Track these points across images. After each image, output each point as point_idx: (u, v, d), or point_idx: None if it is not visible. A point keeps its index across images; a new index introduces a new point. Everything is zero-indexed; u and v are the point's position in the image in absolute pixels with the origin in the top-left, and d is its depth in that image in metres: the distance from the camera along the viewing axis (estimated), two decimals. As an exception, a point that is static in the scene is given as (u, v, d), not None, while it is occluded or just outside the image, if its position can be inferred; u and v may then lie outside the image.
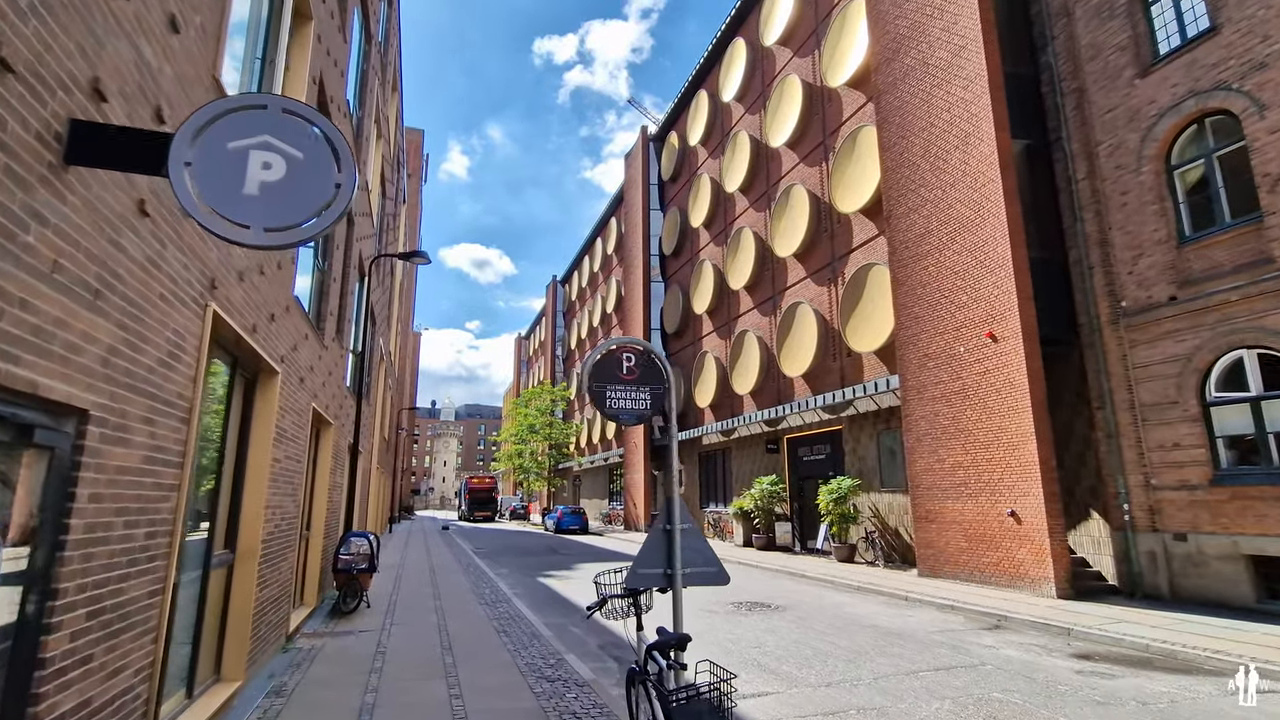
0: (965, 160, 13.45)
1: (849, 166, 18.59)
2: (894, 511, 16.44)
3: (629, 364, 4.05)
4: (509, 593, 12.27)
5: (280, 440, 6.62)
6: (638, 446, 32.53)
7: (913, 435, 14.31)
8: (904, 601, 11.52)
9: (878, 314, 17.05)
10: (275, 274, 5.97)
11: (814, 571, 14.96)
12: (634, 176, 36.31)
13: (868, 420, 17.61)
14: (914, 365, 14.44)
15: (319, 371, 8.88)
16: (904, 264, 14.96)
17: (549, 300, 60.06)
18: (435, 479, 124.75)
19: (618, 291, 40.30)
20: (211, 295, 4.24)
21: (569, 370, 53.66)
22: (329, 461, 10.37)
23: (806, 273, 20.96)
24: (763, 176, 24.26)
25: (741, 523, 22.04)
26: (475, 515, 49.36)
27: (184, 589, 4.68)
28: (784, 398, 21.65)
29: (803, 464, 20.70)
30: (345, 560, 9.99)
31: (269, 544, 6.42)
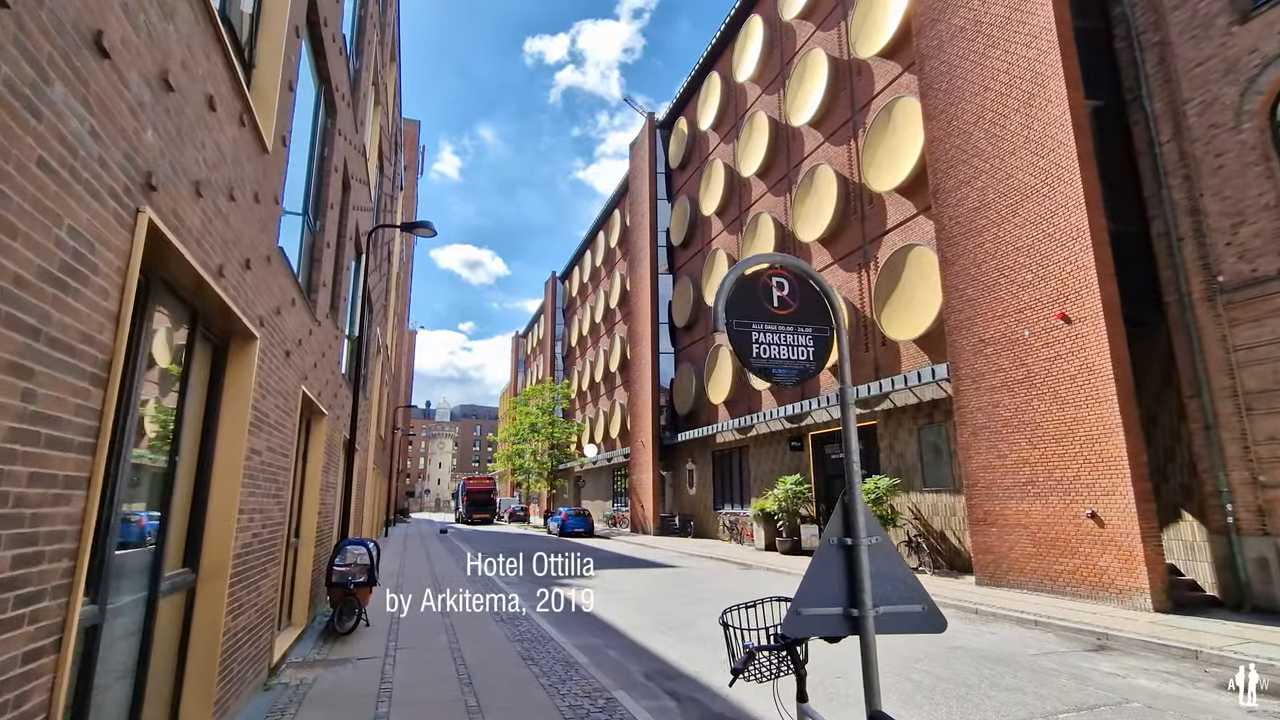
0: (1028, 124, 12.15)
1: (883, 142, 17.29)
2: (939, 513, 15.13)
3: (781, 293, 2.72)
4: (525, 606, 10.87)
5: (260, 427, 5.23)
6: (645, 445, 31.16)
7: (967, 429, 13.00)
8: (974, 615, 10.19)
9: (918, 299, 15.75)
10: (250, 206, 4.58)
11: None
12: (640, 165, 34.97)
13: (906, 414, 16.30)
14: (968, 352, 13.13)
15: (309, 350, 7.48)
16: (954, 242, 13.65)
17: (548, 297, 58.64)
18: (430, 481, 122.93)
19: (622, 286, 38.94)
20: (146, 197, 2.85)
21: (569, 368, 52.27)
22: (321, 458, 8.97)
23: (833, 258, 19.64)
24: (782, 159, 22.94)
25: (763, 525, 20.70)
26: (473, 517, 47.81)
27: (116, 625, 3.30)
28: (808, 392, 20.33)
29: (830, 462, 19.38)
30: (341, 572, 8.58)
31: (245, 558, 5.03)
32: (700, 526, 27.29)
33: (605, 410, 41.08)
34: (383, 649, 7.71)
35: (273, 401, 5.66)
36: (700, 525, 27.31)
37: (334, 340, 9.62)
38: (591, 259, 46.72)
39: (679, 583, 14.14)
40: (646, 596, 12.20)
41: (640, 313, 33.09)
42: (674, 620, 9.81)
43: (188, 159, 3.35)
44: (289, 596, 8.22)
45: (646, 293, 32.40)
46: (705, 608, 10.84)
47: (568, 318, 54.34)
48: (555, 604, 11.51)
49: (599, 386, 43.44)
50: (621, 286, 38.99)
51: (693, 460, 28.50)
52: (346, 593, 8.46)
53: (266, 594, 5.95)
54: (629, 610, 10.71)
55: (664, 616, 10.11)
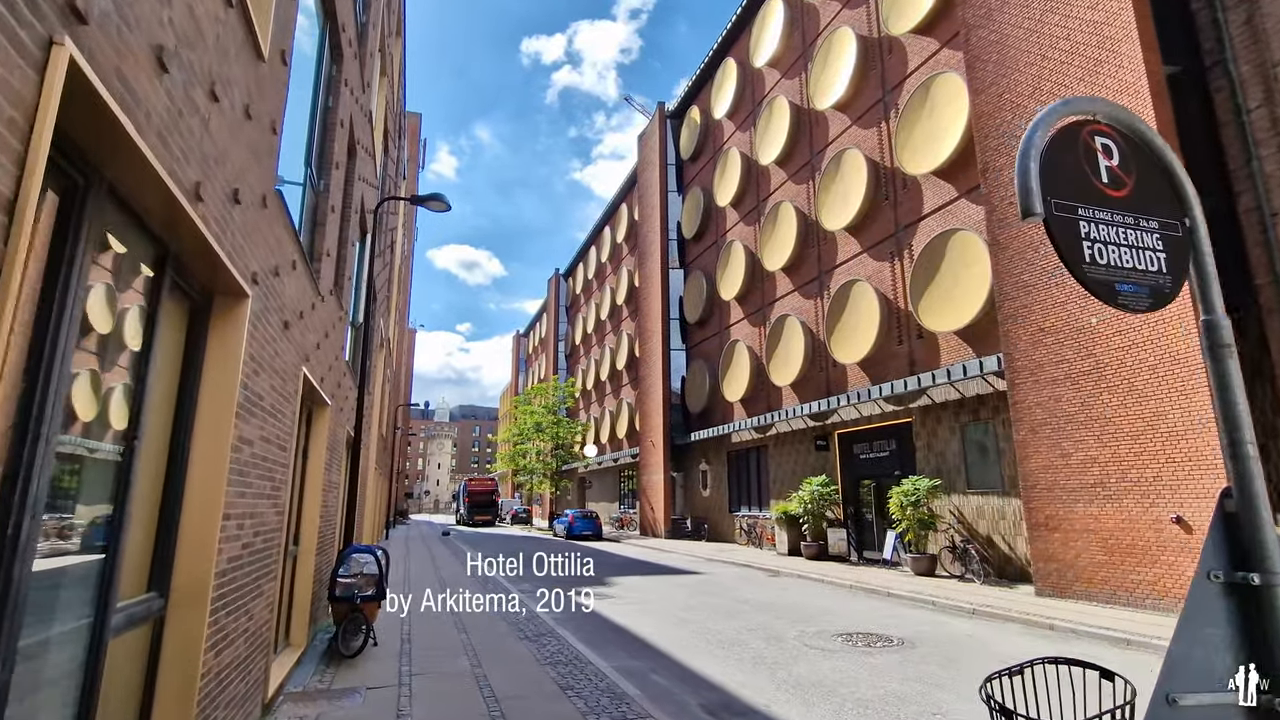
0: (1095, 93, 11.15)
1: (919, 123, 16.29)
2: (985, 516, 14.10)
3: (1110, 162, 1.72)
4: (549, 620, 9.82)
5: (252, 411, 4.18)
6: (656, 445, 30.11)
7: (1025, 426, 11.97)
8: (1050, 632, 9.16)
9: (960, 287, 14.73)
10: (239, 120, 3.53)
11: (899, 588, 12.58)
12: (649, 157, 33.95)
13: (947, 411, 15.28)
14: (1024, 342, 12.11)
15: (312, 328, 6.43)
16: (1007, 224, 12.64)
17: (551, 295, 57.57)
18: (429, 482, 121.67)
19: (630, 281, 37.91)
20: (68, 27, 1.81)
21: (573, 367, 51.20)
22: (323, 454, 7.91)
23: (862, 247, 18.63)
24: (804, 145, 21.94)
25: (786, 529, 19.66)
26: (475, 519, 46.68)
27: (36, 677, 2.25)
28: (835, 388, 19.30)
29: (859, 463, 18.35)
30: (346, 585, 7.53)
31: (233, 575, 3.98)
32: (715, 530, 26.25)
33: (611, 409, 40.02)
34: (395, 675, 6.65)
35: (268, 381, 4.62)
36: (715, 528, 26.26)
37: (338, 322, 8.58)
38: (597, 254, 45.66)
39: (708, 591, 13.09)
40: (677, 608, 11.15)
41: (650, 308, 32.05)
42: (718, 636, 8.76)
43: (143, 7, 2.30)
44: (287, 614, 7.16)
45: (657, 288, 31.36)
46: (747, 621, 9.79)
47: (571, 315, 53.25)
48: (579, 616, 10.45)
49: (604, 385, 42.38)
50: (629, 282, 37.95)
51: (706, 461, 27.46)
52: (352, 608, 7.40)
53: (260, 616, 4.89)
54: (664, 624, 9.66)
55: (705, 632, 9.06)
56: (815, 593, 12.93)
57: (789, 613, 10.59)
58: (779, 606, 11.24)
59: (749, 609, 10.98)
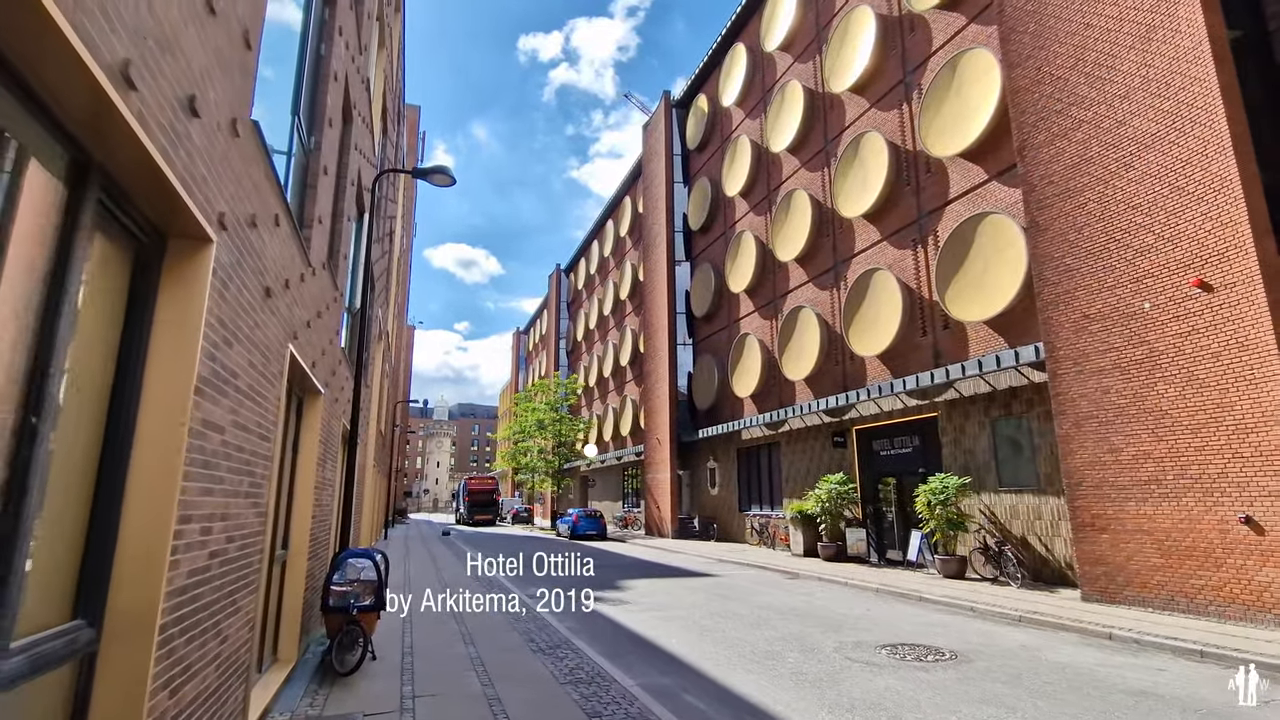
0: (1147, 62, 10.38)
1: (945, 102, 15.50)
2: (1019, 516, 13.33)
3: None
4: (562, 629, 9.03)
5: (220, 390, 3.40)
6: (662, 443, 29.32)
7: (1068, 419, 11.20)
8: (1108, 642, 8.39)
9: (991, 274, 13.96)
10: (196, 7, 2.74)
11: (930, 592, 11.81)
12: (654, 147, 33.15)
13: (976, 405, 14.50)
14: (1067, 330, 11.33)
15: (301, 302, 5.64)
16: (1047, 204, 11.86)
17: (552, 291, 56.79)
18: (428, 480, 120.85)
19: (634, 276, 37.13)
20: None
21: (574, 364, 50.43)
22: (316, 448, 7.12)
23: (882, 235, 17.85)
24: (819, 131, 21.15)
25: (802, 529, 18.89)
26: (475, 519, 45.87)
27: None
28: (852, 383, 18.53)
29: (879, 460, 17.58)
30: (341, 593, 6.74)
31: (195, 592, 3.20)
32: (724, 529, 25.47)
33: (615, 407, 39.24)
34: (396, 696, 5.86)
35: (243, 356, 3.82)
36: (724, 528, 25.48)
37: (332, 304, 7.78)
38: (599, 249, 44.86)
39: (726, 596, 12.31)
40: (697, 614, 10.37)
41: (655, 303, 31.25)
42: (750, 648, 7.98)
43: None
44: (274, 626, 6.37)
45: (663, 281, 30.56)
46: (777, 630, 9.01)
47: (573, 312, 52.46)
48: (594, 623, 9.68)
49: (607, 382, 41.59)
50: (633, 277, 37.16)
51: (715, 458, 26.68)
52: (348, 620, 6.61)
53: (237, 637, 4.10)
54: (687, 634, 8.88)
55: (734, 643, 8.28)
56: (841, 597, 12.15)
57: (820, 620, 9.82)
58: (807, 613, 10.46)
59: (775, 616, 10.21)
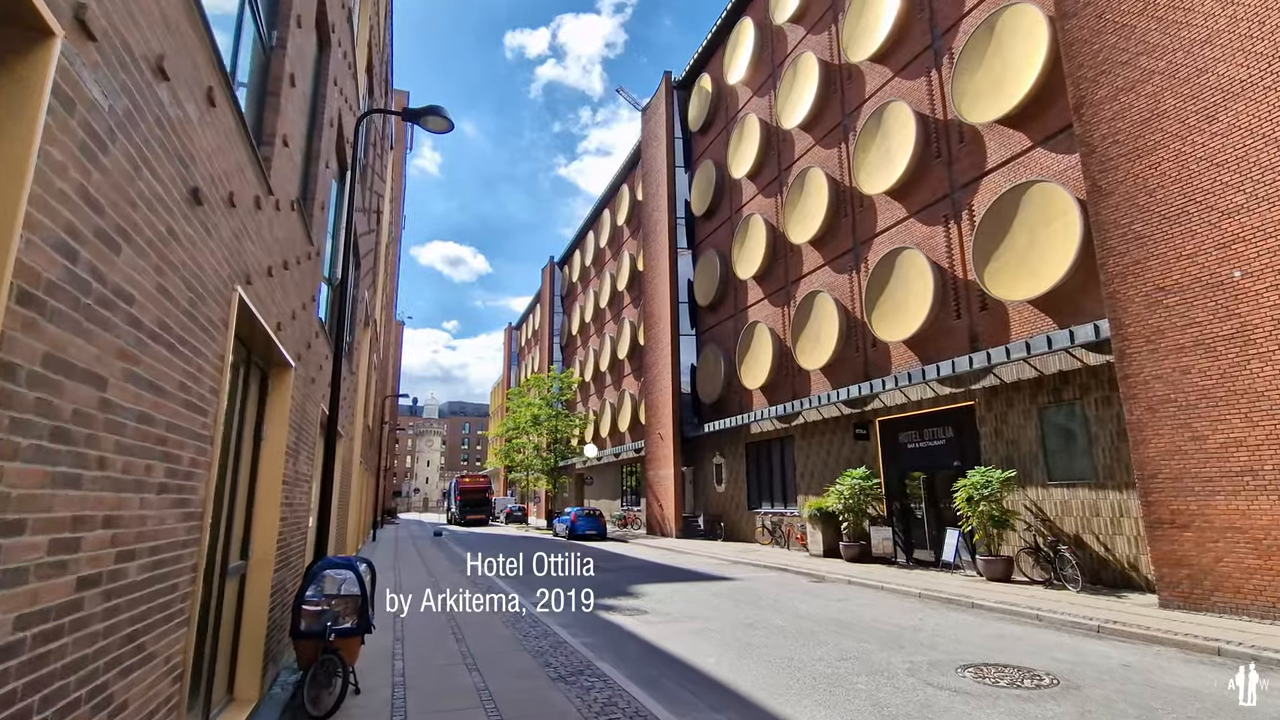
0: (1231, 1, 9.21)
1: (982, 65, 14.31)
2: (1072, 512, 12.16)
3: None
4: (580, 647, 7.72)
5: (78, 305, 2.08)
6: (665, 439, 28.05)
7: (1140, 404, 10.02)
8: (1218, 658, 7.20)
9: (1038, 249, 12.79)
10: None
11: (981, 597, 10.61)
12: (654, 131, 31.84)
13: (1020, 392, 13.33)
14: (1138, 305, 10.15)
15: (259, 237, 4.32)
16: (1111, 166, 10.68)
17: (545, 285, 55.40)
18: (418, 480, 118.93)
19: (632, 266, 35.84)
20: None
21: (569, 359, 49.10)
22: (285, 434, 5.78)
23: (909, 211, 16.65)
24: (835, 104, 19.93)
25: (821, 527, 17.68)
26: (467, 518, 44.41)
27: None
28: (875, 371, 17.33)
29: (905, 453, 16.39)
30: (314, 613, 5.40)
31: (44, 651, 1.87)
32: (732, 529, 24.24)
33: (612, 402, 37.94)
34: (385, 750, 4.54)
35: (145, 269, 2.49)
36: (732, 527, 24.25)
37: (306, 258, 6.44)
38: (595, 240, 43.52)
39: (755, 603, 11.06)
40: (731, 626, 9.11)
41: (657, 292, 29.96)
42: (808, 671, 6.72)
43: None
44: (228, 658, 5.03)
45: (665, 270, 29.27)
46: (830, 646, 7.75)
47: (567, 305, 51.10)
48: (616, 639, 8.39)
49: (604, 376, 40.28)
50: (631, 267, 35.86)
51: (721, 454, 25.43)
52: (324, 647, 5.27)
53: (146, 697, 2.77)
54: (726, 651, 7.60)
55: (786, 665, 7.02)
56: (883, 604, 10.93)
57: (872, 633, 8.57)
58: (853, 624, 9.22)
59: (819, 628, 8.96)
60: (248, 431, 5.22)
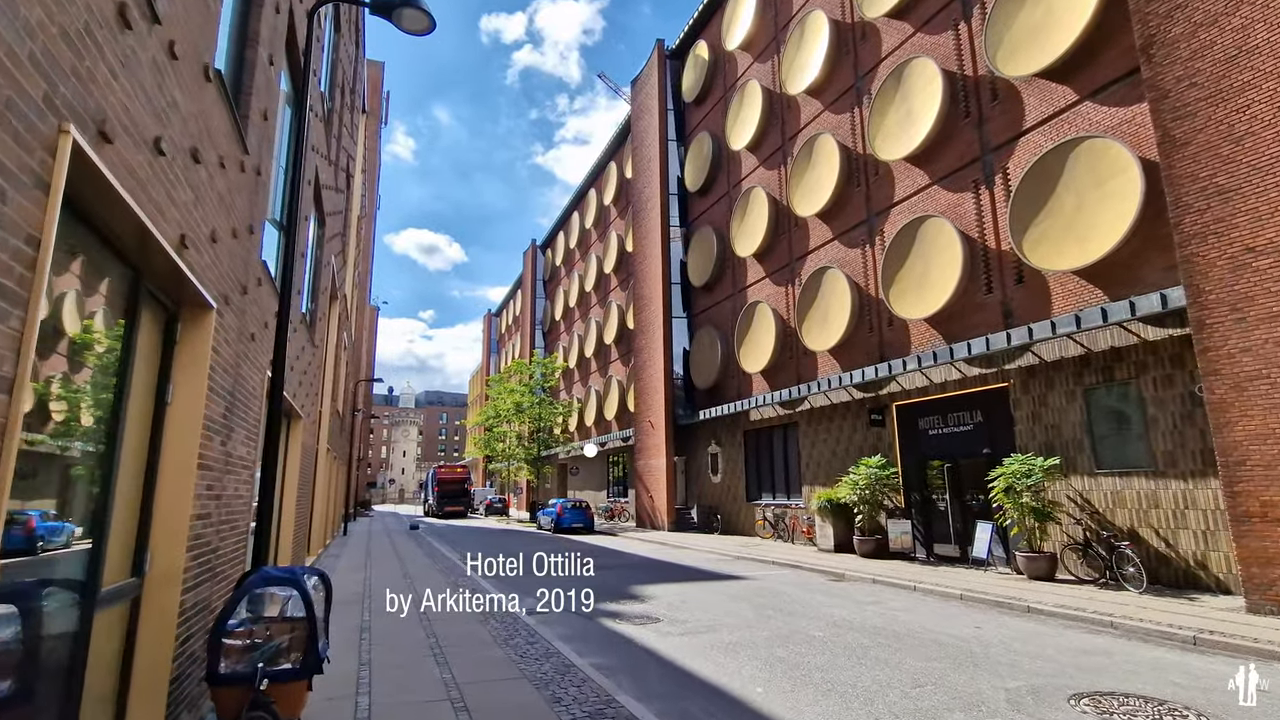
0: (1348, -88, 7.93)
1: (1021, 11, 13.00)
2: (1125, 505, 10.98)
3: None
4: (592, 671, 6.25)
5: None
6: (655, 427, 26.63)
7: (1225, 381, 8.80)
8: (1366, 678, 5.98)
9: (1088, 212, 11.54)
10: None
11: (1036, 600, 9.37)
12: (646, 103, 30.22)
13: (1063, 371, 12.11)
14: (1221, 268, 8.91)
15: (134, 82, 2.76)
16: (1189, 112, 9.41)
17: (527, 269, 53.54)
18: (394, 470, 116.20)
19: (620, 247, 34.28)
20: None
21: (551, 345, 47.43)
22: (200, 398, 4.20)
23: (931, 178, 15.34)
24: (847, 66, 18.54)
25: (832, 520, 16.40)
26: (445, 510, 42.62)
27: None
28: (892, 352, 16.06)
29: (926, 440, 15.14)
30: (240, 647, 3.84)
31: None
32: (728, 521, 22.93)
33: (598, 389, 36.42)
34: None
35: None
36: (729, 520, 22.94)
37: (238, 167, 4.83)
38: (580, 221, 41.81)
39: (780, 608, 9.70)
40: (760, 639, 7.71)
41: (648, 273, 28.44)
42: (883, 706, 5.34)
43: None
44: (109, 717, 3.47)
45: (657, 248, 27.75)
46: (892, 668, 6.39)
47: (550, 290, 49.35)
48: (631, 656, 6.95)
49: (589, 363, 38.72)
50: (619, 248, 34.28)
51: (717, 442, 24.08)
52: (253, 699, 3.72)
53: None
54: (771, 675, 6.19)
55: (851, 694, 5.63)
56: (923, 608, 9.63)
57: (931, 648, 7.24)
58: (903, 635, 7.88)
59: (868, 641, 7.60)
60: (141, 390, 3.65)
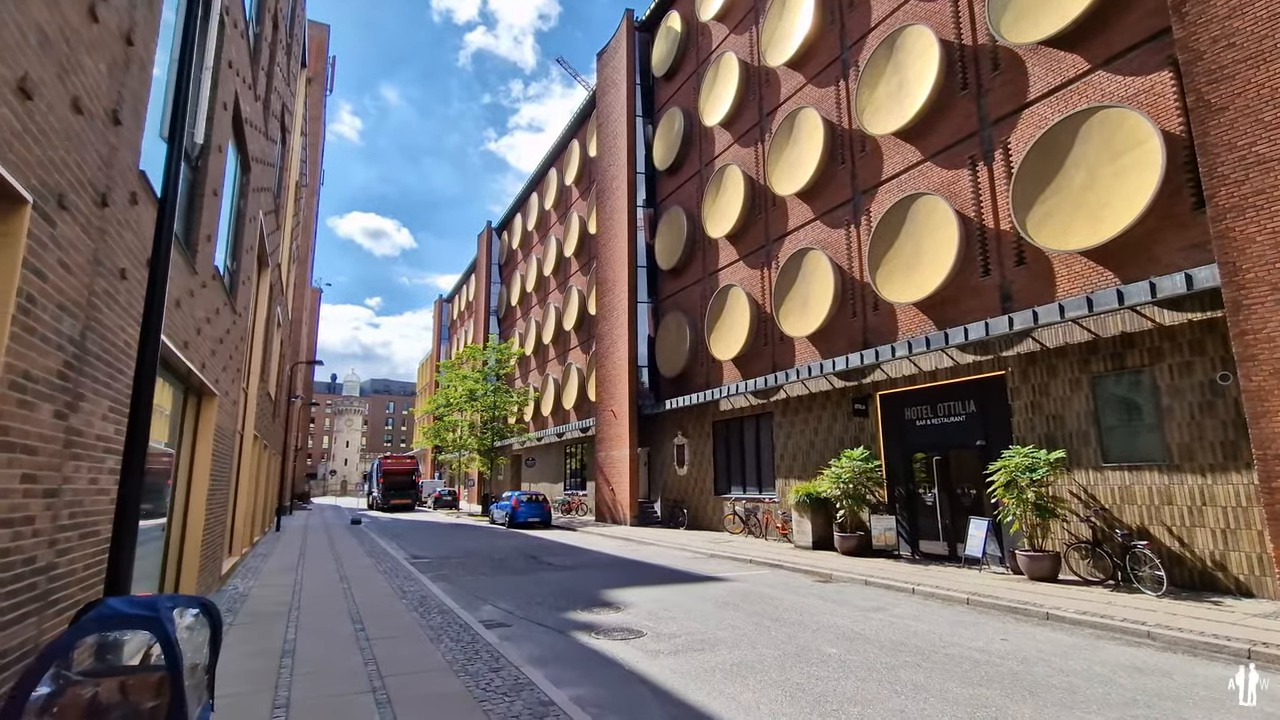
0: None
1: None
2: (1135, 500, 10.29)
3: None
4: (574, 710, 4.94)
5: None
6: (618, 417, 25.35)
7: (1264, 367, 8.07)
8: None
9: (1099, 188, 10.78)
10: None
11: (1051, 604, 8.53)
12: (611, 78, 28.75)
13: (1065, 358, 11.37)
14: (1263, 243, 8.18)
15: None
16: (1226, 75, 8.64)
17: (481, 252, 51.34)
18: (336, 461, 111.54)
19: (581, 229, 32.78)
20: None
21: (507, 332, 45.55)
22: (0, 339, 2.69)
23: (924, 154, 14.47)
24: (832, 36, 17.55)
25: (810, 515, 15.47)
26: (391, 503, 40.37)
27: None
28: (877, 338, 15.19)
29: (913, 431, 14.32)
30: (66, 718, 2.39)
31: None
32: (696, 515, 21.87)
33: (556, 377, 34.88)
34: None
35: None
36: (696, 514, 21.88)
37: (99, 42, 3.29)
38: (539, 202, 40.05)
39: (773, 617, 8.58)
40: (767, 658, 6.55)
41: (613, 255, 27.06)
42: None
43: None
44: None
45: (623, 229, 26.39)
46: (935, 700, 5.29)
47: (506, 275, 47.38)
48: (616, 686, 5.65)
49: (547, 350, 37.12)
50: (581, 230, 32.77)
51: (684, 433, 22.97)
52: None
53: None
54: (794, 709, 5.01)
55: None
56: (933, 616, 8.66)
57: (967, 668, 6.22)
58: (929, 651, 6.85)
59: (892, 659, 6.53)
60: None
